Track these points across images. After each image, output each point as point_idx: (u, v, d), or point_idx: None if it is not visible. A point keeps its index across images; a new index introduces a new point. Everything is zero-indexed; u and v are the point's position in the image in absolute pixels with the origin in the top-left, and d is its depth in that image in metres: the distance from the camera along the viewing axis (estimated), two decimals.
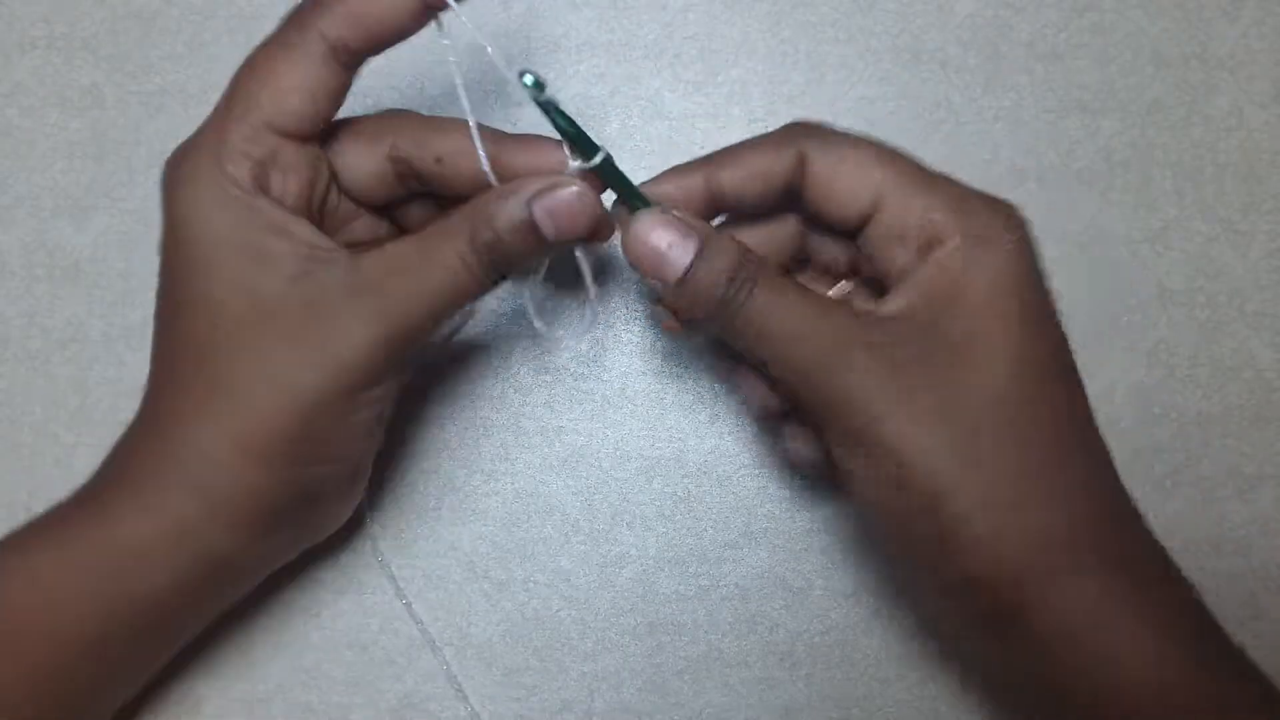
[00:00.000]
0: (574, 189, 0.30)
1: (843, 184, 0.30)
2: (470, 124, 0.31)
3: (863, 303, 0.34)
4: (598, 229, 0.31)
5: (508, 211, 0.29)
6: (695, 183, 0.31)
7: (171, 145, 0.41)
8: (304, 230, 0.30)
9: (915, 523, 0.29)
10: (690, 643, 0.38)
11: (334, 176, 0.33)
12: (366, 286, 0.29)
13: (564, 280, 0.40)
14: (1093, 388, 0.30)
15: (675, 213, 0.30)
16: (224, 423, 0.30)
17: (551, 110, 0.29)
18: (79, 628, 0.30)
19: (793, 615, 0.38)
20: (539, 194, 0.30)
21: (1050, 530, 0.28)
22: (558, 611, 0.38)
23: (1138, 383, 0.39)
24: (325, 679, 0.38)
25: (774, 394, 0.33)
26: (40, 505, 0.30)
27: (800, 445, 0.34)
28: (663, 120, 0.41)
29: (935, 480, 0.28)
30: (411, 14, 0.30)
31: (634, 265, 0.30)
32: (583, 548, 0.39)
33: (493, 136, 0.31)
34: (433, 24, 0.30)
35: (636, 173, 0.30)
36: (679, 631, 0.38)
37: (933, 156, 0.40)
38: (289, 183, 0.31)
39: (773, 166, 0.31)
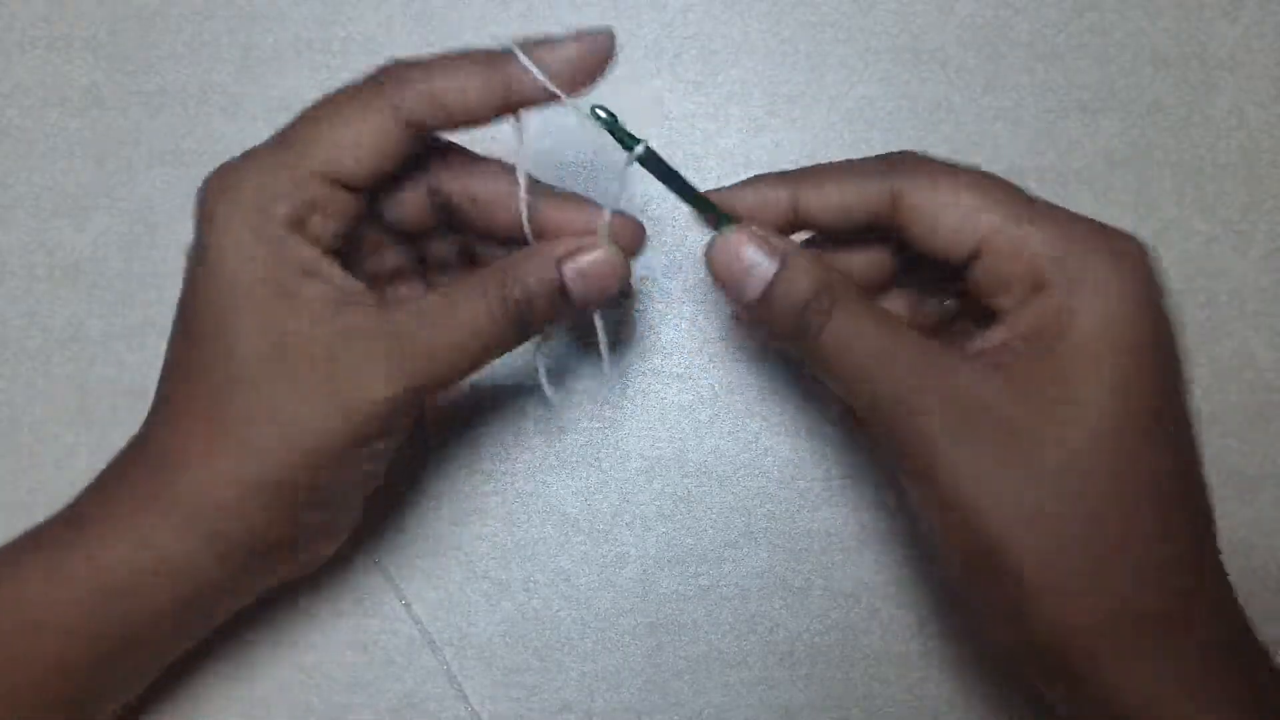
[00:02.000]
0: (603, 251, 0.30)
1: (945, 226, 0.29)
2: (519, 176, 0.30)
3: (960, 330, 0.33)
4: (625, 290, 0.31)
5: (538, 271, 0.29)
6: (779, 198, 0.31)
7: (172, 145, 0.41)
8: (335, 273, 0.30)
9: (980, 575, 0.28)
10: (690, 643, 0.38)
11: (375, 209, 0.32)
12: (392, 338, 0.29)
13: (578, 332, 0.40)
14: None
15: (757, 230, 0.29)
16: (230, 464, 0.29)
17: (618, 130, 0.29)
18: (64, 653, 0.29)
19: (793, 615, 0.38)
20: (569, 255, 0.30)
21: (1127, 607, 0.26)
22: (558, 611, 0.38)
23: None
24: (325, 679, 0.38)
25: None
26: (40, 505, 0.30)
27: None
28: (663, 120, 0.41)
29: (997, 536, 0.27)
30: (492, 110, 0.29)
31: (717, 277, 0.30)
32: (583, 548, 0.39)
33: (533, 188, 0.31)
34: (510, 117, 0.30)
35: (637, 172, 0.30)
36: (679, 631, 0.38)
37: (933, 156, 0.40)
38: (328, 224, 0.30)
39: (864, 199, 0.30)
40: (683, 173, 0.31)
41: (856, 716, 0.37)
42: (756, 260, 0.29)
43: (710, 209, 0.31)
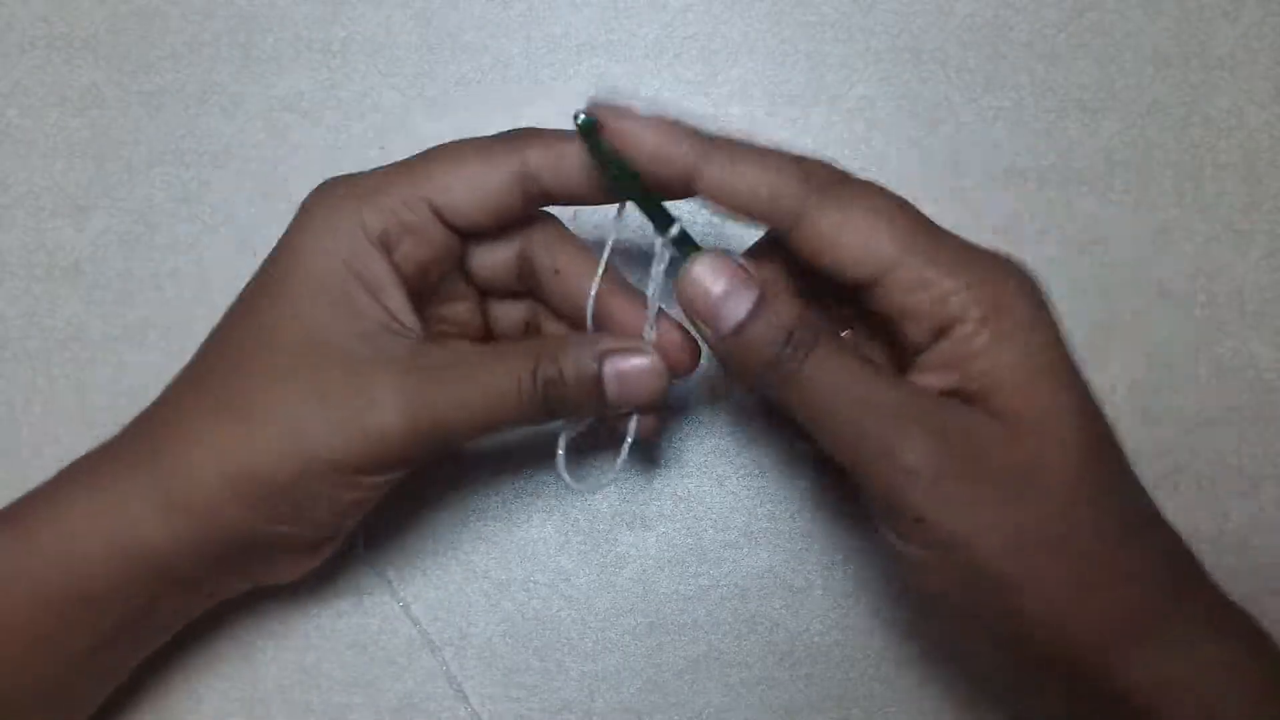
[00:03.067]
0: (649, 360, 0.30)
1: (844, 248, 0.28)
2: (601, 260, 0.31)
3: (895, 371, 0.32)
4: (659, 403, 0.31)
5: (578, 357, 0.29)
6: (679, 154, 0.28)
7: (172, 145, 0.41)
8: (397, 300, 0.30)
9: (986, 614, 0.28)
10: (690, 643, 0.38)
11: (463, 258, 0.32)
12: (421, 374, 0.29)
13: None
14: (1093, 388, 0.30)
15: (737, 259, 0.29)
16: (224, 456, 0.29)
17: (605, 156, 0.28)
18: (33, 621, 0.29)
19: (793, 615, 0.38)
20: (613, 352, 0.30)
21: (1129, 604, 0.27)
22: (558, 611, 0.38)
23: (1138, 383, 0.39)
24: (325, 679, 0.38)
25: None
26: None
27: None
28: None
29: (1007, 574, 0.27)
30: (600, 193, 0.30)
31: (685, 309, 0.29)
32: (583, 548, 0.39)
33: (612, 277, 0.31)
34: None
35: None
36: (679, 631, 0.38)
37: (933, 156, 0.40)
38: (414, 253, 0.30)
39: (766, 194, 0.28)
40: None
41: (856, 716, 0.37)
42: (731, 292, 0.28)
43: (692, 245, 0.29)
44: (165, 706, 0.37)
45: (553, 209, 0.33)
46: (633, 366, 0.30)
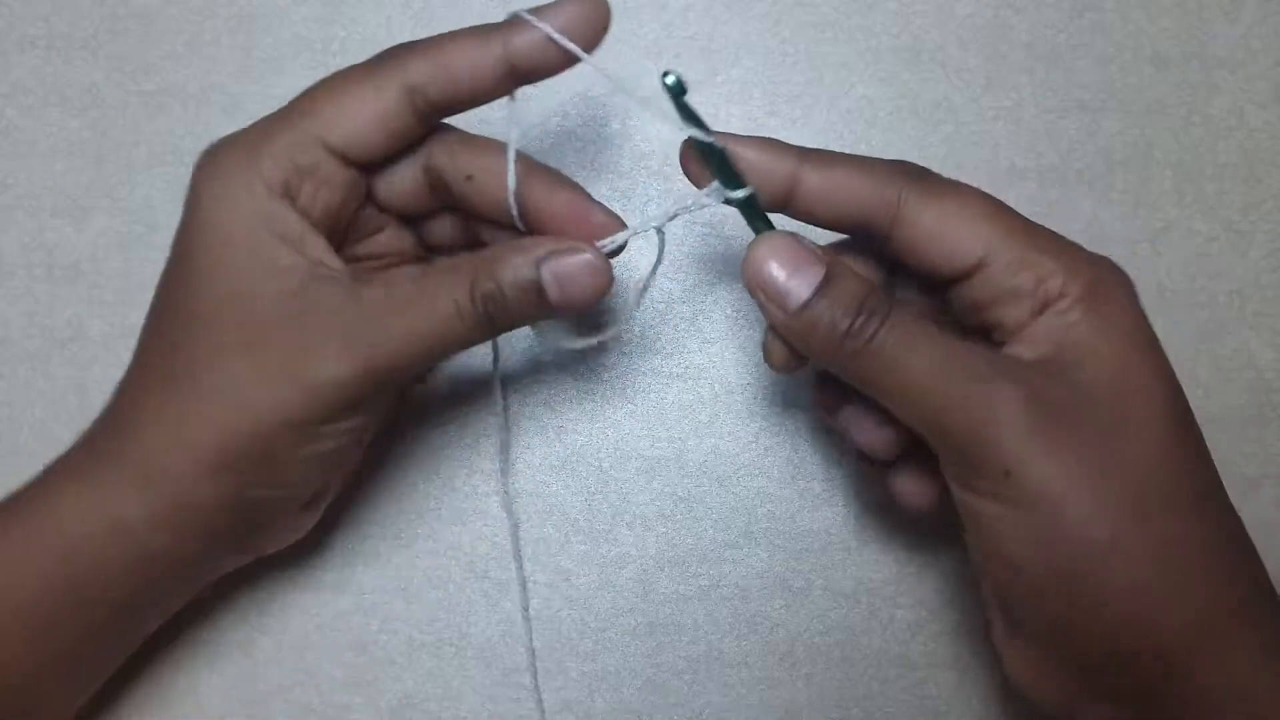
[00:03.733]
0: (586, 257, 0.29)
1: (947, 238, 0.29)
2: (510, 153, 0.30)
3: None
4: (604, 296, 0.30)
5: (514, 268, 0.29)
6: (782, 168, 0.29)
7: (171, 145, 0.41)
8: (317, 247, 0.29)
9: (1066, 581, 0.27)
10: (690, 643, 0.38)
11: (369, 189, 0.32)
12: (354, 319, 0.28)
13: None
14: None
15: (802, 238, 0.29)
16: (179, 428, 0.29)
17: (689, 115, 0.28)
18: (20, 615, 0.29)
19: (793, 615, 0.38)
20: (550, 256, 0.29)
21: (1212, 605, 0.26)
22: (558, 611, 0.38)
23: None
24: (325, 679, 0.38)
25: (887, 435, 0.31)
26: None
27: (915, 488, 0.32)
28: (663, 120, 0.41)
29: (1095, 538, 0.26)
30: (494, 81, 0.29)
31: (751, 290, 0.29)
32: (583, 548, 0.39)
33: (527, 166, 0.31)
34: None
35: (636, 174, 0.30)
36: (679, 631, 0.38)
37: (933, 156, 0.40)
38: (320, 195, 0.30)
39: (868, 196, 0.29)
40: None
41: (856, 716, 0.37)
42: (798, 269, 0.28)
43: (765, 223, 0.30)
44: (165, 706, 0.37)
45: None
46: (571, 265, 0.29)
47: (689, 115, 0.29)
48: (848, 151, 0.40)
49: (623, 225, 0.31)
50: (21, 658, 0.30)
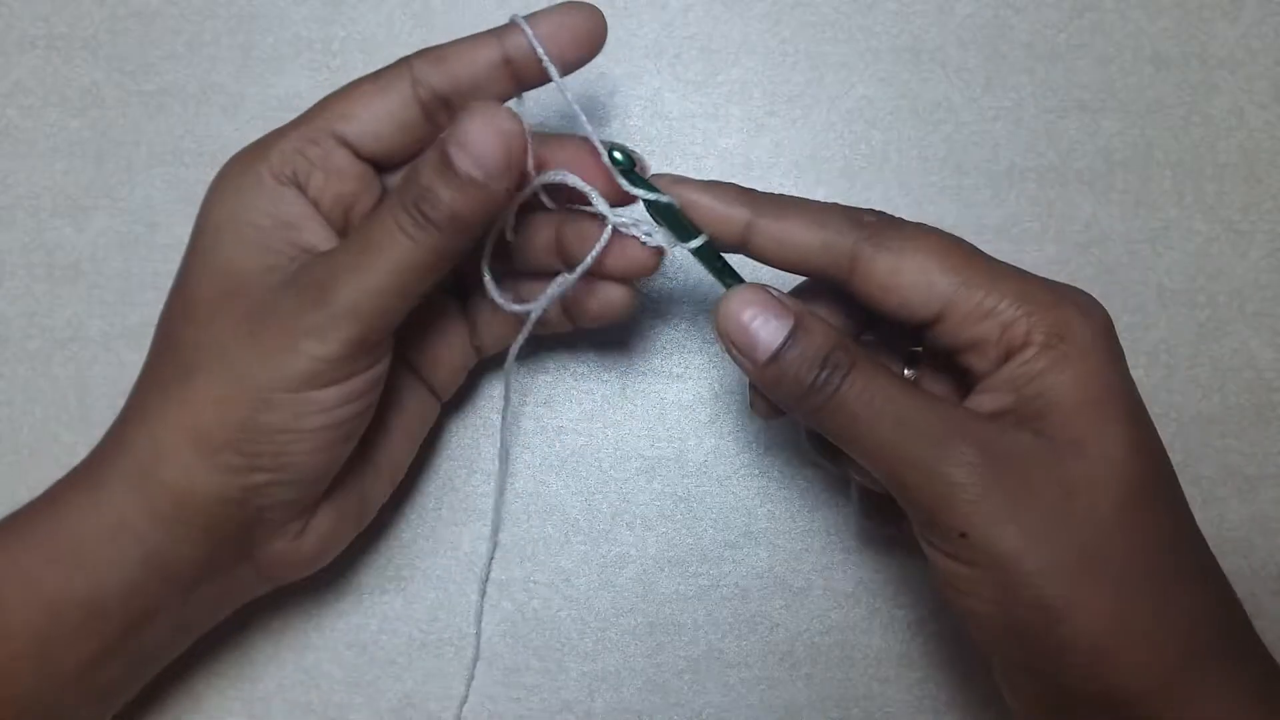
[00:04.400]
0: (476, 111, 0.27)
1: (902, 292, 0.28)
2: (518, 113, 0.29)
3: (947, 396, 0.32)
4: (523, 159, 0.28)
5: (426, 159, 0.27)
6: (736, 215, 0.30)
7: (172, 145, 0.41)
8: (317, 230, 0.30)
9: (1025, 636, 0.27)
10: (690, 643, 0.38)
11: (384, 191, 0.32)
12: (318, 290, 0.28)
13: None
14: None
15: (772, 290, 0.29)
16: (178, 411, 0.29)
17: (638, 183, 0.30)
18: (22, 624, 0.29)
19: (793, 615, 0.38)
20: (453, 130, 0.27)
21: (1174, 649, 0.26)
22: (558, 611, 0.38)
23: (1138, 383, 0.39)
24: (325, 679, 0.38)
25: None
26: None
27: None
28: (663, 120, 0.41)
29: (1050, 596, 0.26)
30: (494, 80, 0.30)
31: (723, 342, 0.29)
32: (583, 548, 0.39)
33: (539, 140, 0.31)
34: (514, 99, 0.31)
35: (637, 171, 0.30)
36: (679, 631, 0.38)
37: (933, 156, 0.40)
38: (330, 185, 0.30)
39: (818, 245, 0.29)
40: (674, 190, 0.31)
41: (856, 716, 0.37)
42: (767, 321, 0.28)
43: (734, 278, 0.30)
44: (165, 706, 0.37)
45: None
46: (465, 129, 0.27)
47: (638, 183, 0.30)
48: (847, 151, 0.41)
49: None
50: (33, 676, 0.29)
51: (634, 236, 0.31)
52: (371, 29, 0.41)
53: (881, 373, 0.28)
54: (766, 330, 0.28)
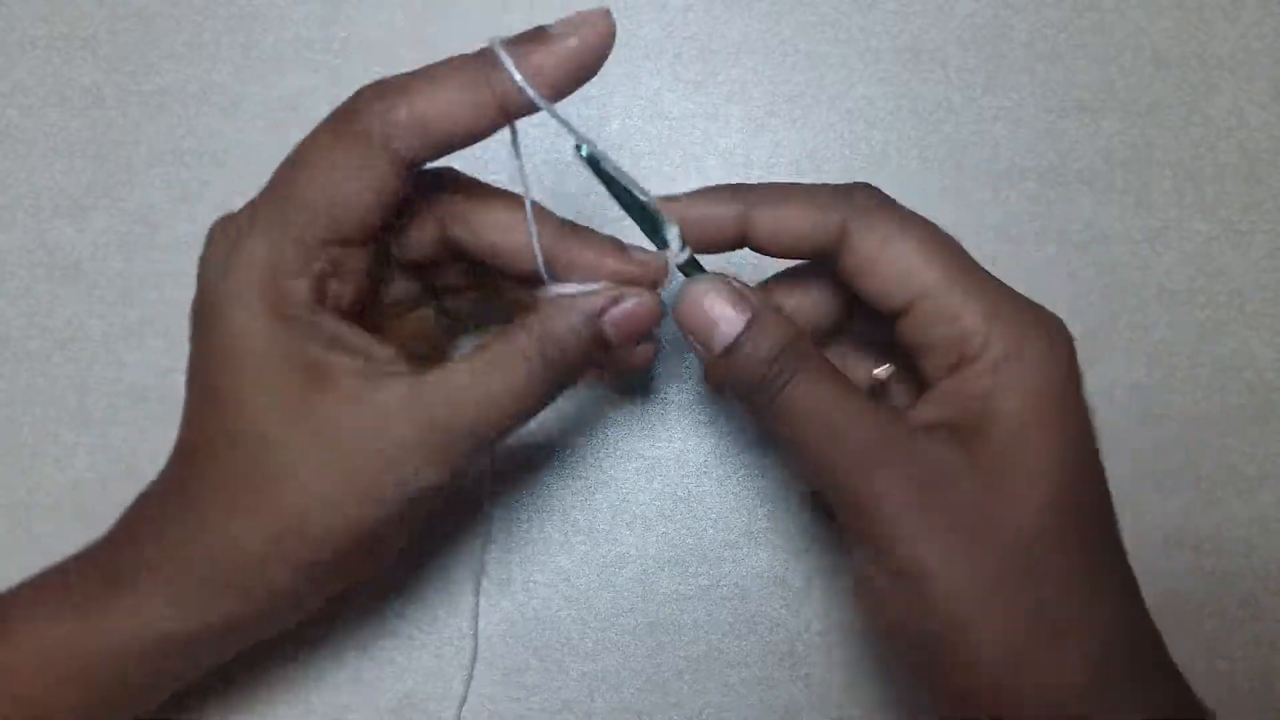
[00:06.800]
0: (639, 300, 0.29)
1: (881, 272, 0.29)
2: (529, 216, 0.29)
3: (899, 398, 0.33)
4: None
5: (576, 328, 0.29)
6: (728, 215, 0.30)
7: (172, 145, 0.41)
8: (361, 341, 0.29)
9: (931, 649, 0.27)
10: (690, 643, 0.38)
11: (386, 251, 0.31)
12: (430, 419, 0.28)
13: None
14: (1093, 387, 0.30)
15: (734, 283, 0.29)
16: (262, 523, 0.28)
17: (611, 182, 0.29)
18: (88, 707, 0.29)
19: (793, 615, 0.38)
20: (606, 309, 0.29)
21: (1077, 675, 0.26)
22: (558, 611, 0.38)
23: (1138, 383, 0.39)
24: (325, 679, 0.38)
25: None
26: (40, 505, 0.30)
27: None
28: (663, 120, 0.41)
29: (957, 612, 0.26)
30: (484, 127, 0.27)
31: (682, 328, 0.29)
32: (583, 548, 0.39)
33: (544, 219, 0.30)
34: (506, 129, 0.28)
35: (636, 172, 0.30)
36: (679, 631, 0.38)
37: (933, 156, 0.40)
38: (347, 288, 0.29)
39: (816, 229, 0.29)
40: (646, 188, 0.30)
41: (856, 716, 0.37)
42: (725, 313, 0.28)
43: (698, 267, 0.30)
44: (164, 707, 0.37)
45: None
46: (627, 312, 0.29)
47: (610, 181, 0.29)
48: (847, 151, 0.41)
49: (655, 258, 0.31)
50: None
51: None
52: (371, 29, 0.41)
53: (828, 378, 0.28)
54: (724, 322, 0.28)
